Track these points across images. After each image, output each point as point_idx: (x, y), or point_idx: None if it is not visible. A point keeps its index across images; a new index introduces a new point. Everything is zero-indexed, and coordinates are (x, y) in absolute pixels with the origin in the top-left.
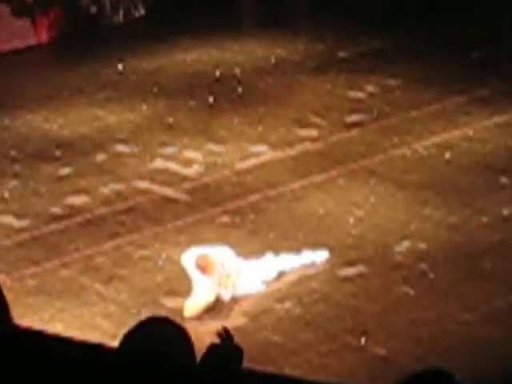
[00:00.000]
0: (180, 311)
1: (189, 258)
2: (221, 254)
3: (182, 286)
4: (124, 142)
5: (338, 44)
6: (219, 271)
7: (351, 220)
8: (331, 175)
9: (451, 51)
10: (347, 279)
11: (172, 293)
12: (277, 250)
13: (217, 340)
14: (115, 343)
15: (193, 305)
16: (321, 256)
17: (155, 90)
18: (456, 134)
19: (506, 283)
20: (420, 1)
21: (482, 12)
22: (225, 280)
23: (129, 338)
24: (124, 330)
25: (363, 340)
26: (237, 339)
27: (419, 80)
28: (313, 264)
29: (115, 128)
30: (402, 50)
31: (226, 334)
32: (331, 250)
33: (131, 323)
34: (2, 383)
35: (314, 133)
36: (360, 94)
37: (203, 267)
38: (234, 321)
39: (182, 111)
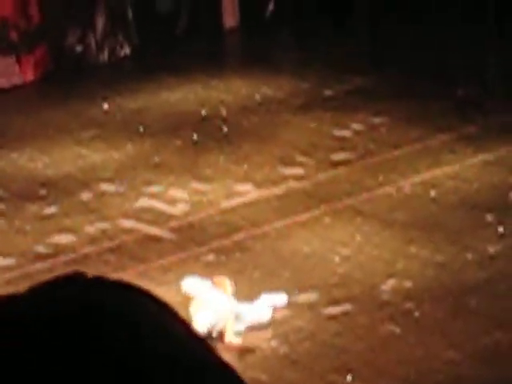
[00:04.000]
0: None
1: (192, 282)
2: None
3: None
4: (109, 180)
5: (323, 82)
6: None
7: (337, 259)
8: (316, 214)
9: (436, 88)
10: (333, 318)
11: None
12: (262, 290)
13: None
14: None
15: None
16: (280, 300)
17: (140, 128)
18: (441, 172)
19: (492, 321)
20: (405, 38)
21: (465, 49)
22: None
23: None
24: None
25: (349, 378)
26: None
27: (404, 118)
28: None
29: (100, 167)
30: (386, 88)
31: None
32: (316, 288)
33: None
34: None
35: (299, 171)
36: (345, 132)
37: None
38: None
39: (167, 150)
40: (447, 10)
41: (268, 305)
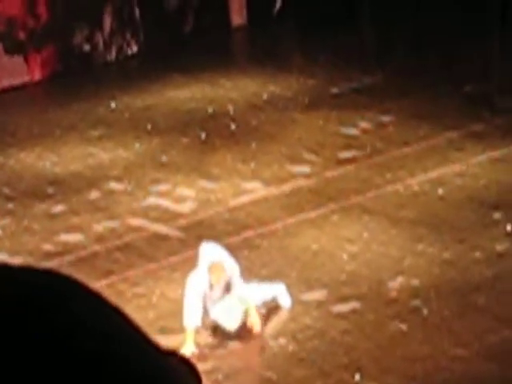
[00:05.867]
0: (174, 348)
1: (207, 253)
2: (232, 269)
3: (175, 323)
4: (117, 179)
5: (331, 80)
6: (223, 284)
7: (345, 256)
8: (324, 212)
9: (443, 86)
10: (341, 315)
11: (165, 330)
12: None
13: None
14: None
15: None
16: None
17: (148, 127)
18: (449, 169)
19: (499, 319)
20: (412, 36)
21: (473, 46)
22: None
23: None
24: None
25: (357, 376)
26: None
27: (412, 116)
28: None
29: (108, 165)
30: (394, 86)
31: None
32: (325, 286)
33: None
34: None
35: (306, 169)
36: (353, 131)
37: (212, 271)
38: (229, 357)
39: (175, 148)
40: (453, 7)
41: (269, 294)
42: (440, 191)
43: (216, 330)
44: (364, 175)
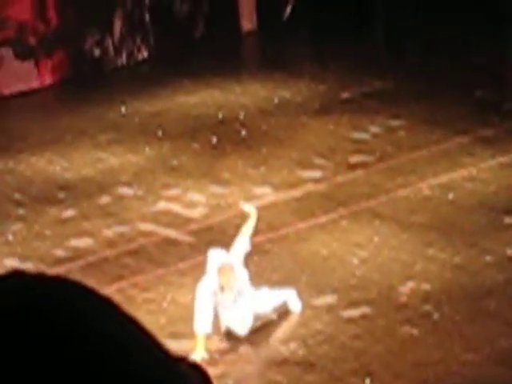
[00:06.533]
0: (184, 353)
1: (215, 257)
2: (241, 274)
3: (186, 328)
4: (127, 184)
5: (341, 85)
6: (234, 289)
7: (355, 261)
8: (335, 216)
9: (454, 92)
10: (351, 320)
11: (176, 335)
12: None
13: None
14: None
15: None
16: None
17: (158, 132)
18: (459, 174)
19: (510, 323)
20: (423, 42)
21: (484, 52)
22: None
23: None
24: None
25: (368, 381)
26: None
27: (423, 121)
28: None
29: (118, 170)
30: (405, 91)
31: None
32: (335, 291)
33: None
34: None
35: (317, 174)
36: (364, 135)
37: (222, 274)
38: (240, 362)
39: (185, 153)
40: (465, 12)
41: (279, 299)
42: (450, 196)
43: (226, 335)
44: (375, 180)
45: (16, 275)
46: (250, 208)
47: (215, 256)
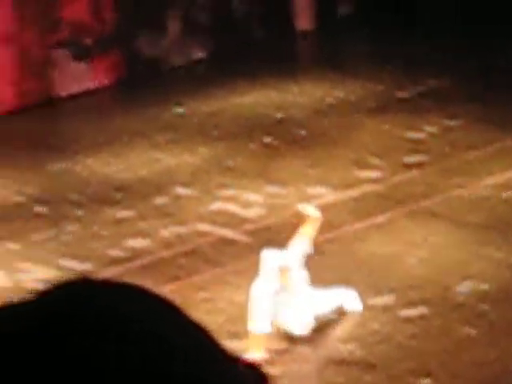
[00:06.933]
0: (242, 353)
1: (273, 258)
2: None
3: (242, 328)
4: (184, 184)
5: (397, 84)
6: (292, 288)
7: (412, 261)
8: (391, 216)
9: (511, 91)
10: (409, 320)
11: (233, 335)
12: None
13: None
14: None
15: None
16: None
17: (215, 132)
18: None
19: None
20: (479, 42)
21: None
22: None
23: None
24: None
25: (426, 381)
26: (299, 381)
27: (479, 120)
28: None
29: (175, 171)
30: (461, 91)
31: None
32: (392, 291)
33: None
34: None
35: (373, 174)
36: (419, 135)
37: (280, 275)
38: (297, 362)
39: (241, 154)
40: None
41: (337, 299)
42: (506, 195)
43: (284, 334)
44: (431, 179)
45: (81, 281)
46: (312, 210)
47: (270, 256)
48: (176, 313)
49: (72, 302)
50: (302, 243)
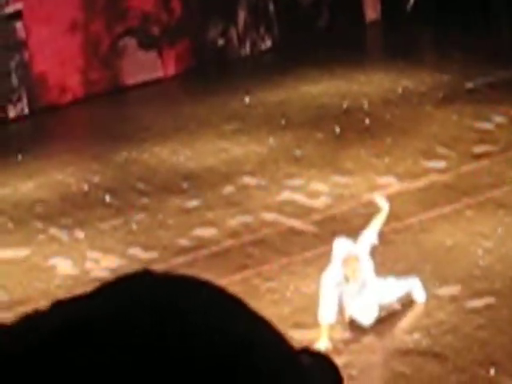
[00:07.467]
0: (308, 342)
1: (341, 248)
2: (367, 264)
3: (309, 318)
4: (251, 174)
5: (465, 75)
6: (359, 278)
7: (479, 251)
8: (459, 207)
9: None
10: (475, 310)
11: (300, 325)
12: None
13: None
14: None
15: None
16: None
17: (282, 122)
18: None
19: None
20: None
21: None
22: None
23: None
24: None
25: (492, 371)
26: (365, 371)
27: None
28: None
29: (242, 160)
30: None
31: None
32: (459, 281)
33: None
34: None
35: (441, 164)
36: (488, 125)
37: (347, 264)
38: (364, 352)
39: (308, 143)
40: None
41: (404, 289)
42: None
43: (351, 325)
44: (499, 170)
45: (144, 274)
46: (382, 201)
47: (341, 246)
48: (237, 305)
49: (132, 298)
50: (370, 233)
